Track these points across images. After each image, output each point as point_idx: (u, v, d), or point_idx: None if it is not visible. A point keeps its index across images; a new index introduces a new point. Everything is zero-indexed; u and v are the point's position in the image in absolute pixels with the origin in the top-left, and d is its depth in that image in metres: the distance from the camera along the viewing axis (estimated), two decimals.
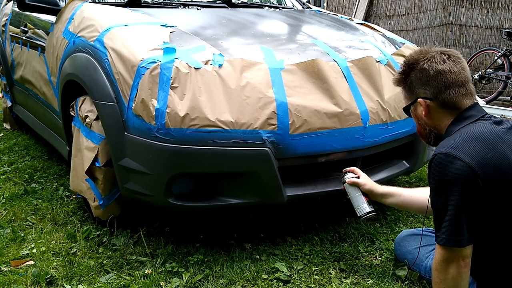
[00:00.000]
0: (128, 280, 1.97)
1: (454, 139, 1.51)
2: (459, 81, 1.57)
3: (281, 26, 2.90)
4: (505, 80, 5.95)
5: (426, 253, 1.94)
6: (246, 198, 2.07)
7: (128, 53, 2.08)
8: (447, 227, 1.47)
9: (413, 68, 1.63)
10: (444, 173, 1.46)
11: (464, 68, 1.59)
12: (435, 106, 1.60)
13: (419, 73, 1.61)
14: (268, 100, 2.00)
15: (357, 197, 2.03)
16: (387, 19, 7.93)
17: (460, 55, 1.62)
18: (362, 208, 2.01)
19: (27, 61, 3.40)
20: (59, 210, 2.65)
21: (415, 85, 1.63)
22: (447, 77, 1.56)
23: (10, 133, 4.38)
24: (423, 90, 1.61)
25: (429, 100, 1.60)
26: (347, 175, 2.08)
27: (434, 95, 1.59)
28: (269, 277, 2.00)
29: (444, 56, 1.59)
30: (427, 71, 1.58)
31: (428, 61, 1.59)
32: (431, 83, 1.58)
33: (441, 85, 1.57)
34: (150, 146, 1.97)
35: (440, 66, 1.57)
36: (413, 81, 1.63)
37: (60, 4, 2.85)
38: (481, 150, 1.45)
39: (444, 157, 1.46)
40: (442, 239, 1.48)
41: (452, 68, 1.57)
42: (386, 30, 3.08)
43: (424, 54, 1.62)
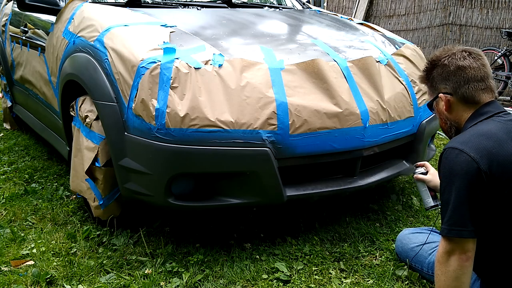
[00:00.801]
0: (128, 280, 1.97)
1: (465, 135, 1.58)
2: (479, 76, 1.62)
3: (281, 26, 2.90)
4: (505, 80, 5.95)
5: (429, 249, 1.96)
6: (246, 198, 2.07)
7: (128, 53, 2.08)
8: (449, 217, 1.50)
9: (435, 65, 1.69)
10: (450, 166, 1.51)
11: (485, 65, 1.65)
12: (455, 100, 1.65)
13: (440, 69, 1.67)
14: (268, 100, 2.00)
15: (423, 192, 2.12)
16: (387, 19, 7.93)
17: (482, 53, 1.67)
18: (427, 202, 2.11)
19: (27, 61, 3.40)
20: (59, 210, 2.65)
21: (437, 81, 1.69)
22: (467, 72, 1.62)
23: (10, 133, 4.38)
24: (444, 85, 1.67)
25: (449, 95, 1.66)
26: (417, 170, 2.14)
27: (454, 89, 1.64)
28: (269, 277, 2.00)
29: (465, 53, 1.65)
30: (447, 66, 1.64)
31: (449, 58, 1.65)
32: (451, 78, 1.64)
33: (460, 80, 1.63)
34: (150, 146, 1.97)
35: (460, 62, 1.63)
36: (435, 77, 1.69)
37: (60, 4, 2.85)
38: (487, 145, 1.50)
39: (451, 151, 1.53)
40: (444, 229, 1.52)
41: (471, 64, 1.62)
42: (386, 30, 3.08)
43: (446, 52, 1.68)
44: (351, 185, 2.25)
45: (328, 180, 2.26)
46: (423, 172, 2.12)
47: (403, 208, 2.70)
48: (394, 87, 2.38)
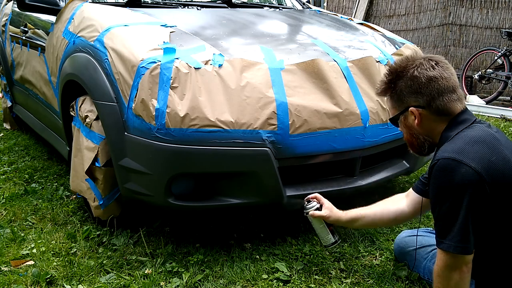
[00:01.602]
0: (128, 280, 1.97)
1: (456, 143, 1.48)
2: (450, 86, 1.55)
3: (281, 26, 2.90)
4: (505, 80, 5.95)
5: (425, 254, 1.94)
6: (246, 198, 2.08)
7: (128, 53, 2.08)
8: (455, 234, 1.44)
9: (402, 76, 1.58)
10: (450, 178, 1.42)
11: (453, 74, 1.58)
12: (428, 114, 1.57)
13: (409, 81, 1.56)
14: (268, 100, 2.00)
15: (321, 229, 2.00)
16: (387, 19, 7.93)
17: (446, 61, 1.60)
18: (327, 239, 2.01)
19: (27, 61, 3.40)
20: (59, 210, 2.65)
21: (406, 93, 1.58)
22: (439, 83, 1.53)
23: (10, 133, 4.38)
24: (415, 98, 1.56)
25: (421, 109, 1.57)
26: (310, 205, 2.00)
27: (427, 102, 1.55)
28: (269, 277, 2.00)
29: (432, 62, 1.55)
30: (418, 78, 1.54)
31: (418, 68, 1.54)
32: (423, 91, 1.54)
33: (433, 92, 1.54)
34: (150, 146, 1.97)
35: (431, 73, 1.53)
36: (403, 90, 1.58)
37: (60, 4, 2.85)
38: (485, 154, 1.44)
39: (449, 162, 1.43)
40: (450, 246, 1.45)
41: (442, 74, 1.54)
42: (386, 30, 3.08)
43: (412, 61, 1.58)
44: (351, 185, 2.25)
45: (328, 180, 2.26)
46: (317, 207, 1.99)
47: None
48: None
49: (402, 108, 1.61)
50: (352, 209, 2.00)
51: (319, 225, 2.00)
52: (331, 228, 2.00)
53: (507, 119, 5.12)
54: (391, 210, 1.93)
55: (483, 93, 6.44)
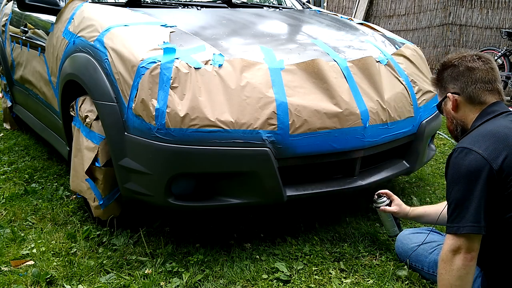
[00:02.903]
0: (128, 280, 1.97)
1: (472, 135, 1.62)
2: (486, 78, 1.67)
3: (281, 26, 2.90)
4: (505, 80, 5.95)
5: (430, 249, 1.97)
6: (246, 198, 2.08)
7: (128, 53, 2.08)
8: (463, 215, 1.52)
9: (447, 67, 1.74)
10: (461, 165, 1.55)
11: (493, 69, 1.70)
12: (462, 100, 1.70)
13: (450, 70, 1.72)
14: (268, 100, 2.00)
15: (389, 222, 2.18)
16: (387, 19, 7.93)
17: (492, 59, 1.73)
18: (393, 231, 2.18)
19: (27, 61, 3.40)
20: (59, 210, 2.65)
21: (446, 81, 1.74)
22: (475, 73, 1.67)
23: (10, 133, 4.38)
24: (453, 85, 1.72)
25: (456, 95, 1.70)
26: (381, 200, 2.18)
27: (462, 89, 1.69)
28: (269, 277, 2.00)
29: (476, 57, 1.70)
30: (457, 67, 1.70)
31: (460, 60, 1.71)
32: (459, 78, 1.69)
33: (468, 80, 1.68)
34: (150, 146, 1.97)
35: (469, 64, 1.68)
36: (445, 78, 1.74)
37: (60, 4, 2.85)
38: (494, 143, 1.54)
39: (462, 150, 1.56)
40: (458, 228, 1.52)
41: (480, 66, 1.67)
42: (386, 30, 3.08)
43: (458, 55, 1.74)
44: (351, 185, 2.25)
45: (328, 180, 2.26)
46: (387, 203, 2.18)
47: None
48: (394, 87, 2.38)
49: (444, 95, 1.76)
50: (419, 207, 2.22)
51: (387, 218, 2.17)
52: (397, 222, 2.16)
53: None
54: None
55: None
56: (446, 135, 4.29)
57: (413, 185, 3.10)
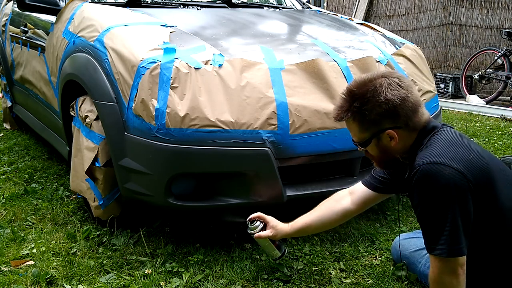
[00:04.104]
0: (128, 280, 1.97)
1: (433, 148, 1.48)
2: (418, 102, 1.55)
3: (281, 26, 2.90)
4: (505, 80, 5.95)
5: (419, 257, 1.92)
6: (246, 198, 2.08)
7: (128, 53, 2.08)
8: (447, 237, 1.42)
9: (372, 101, 1.51)
10: (435, 182, 1.41)
11: (414, 88, 1.57)
12: (404, 132, 1.55)
13: (384, 105, 1.50)
14: (268, 100, 2.00)
15: (267, 246, 1.98)
16: (387, 19, 7.93)
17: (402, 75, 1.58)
18: (274, 254, 1.99)
19: (27, 61, 3.40)
20: (59, 210, 2.65)
21: (379, 117, 1.52)
22: (411, 101, 1.52)
23: (10, 133, 4.38)
24: (391, 121, 1.53)
25: (397, 129, 1.54)
26: (254, 225, 1.95)
27: (405, 122, 1.53)
28: (269, 277, 2.00)
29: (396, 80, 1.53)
30: (392, 101, 1.49)
31: (388, 90, 1.50)
32: (400, 112, 1.51)
33: (409, 112, 1.52)
34: (150, 146, 1.97)
35: (402, 93, 1.51)
36: (376, 114, 1.51)
37: (60, 4, 2.85)
38: (463, 153, 1.45)
39: (431, 167, 1.42)
40: (444, 250, 1.43)
41: (411, 91, 1.53)
42: (386, 30, 3.08)
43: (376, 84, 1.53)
44: (351, 185, 2.24)
45: (328, 180, 2.26)
46: (261, 227, 1.95)
47: (403, 208, 2.70)
48: None
49: (375, 131, 1.56)
50: (296, 219, 1.97)
51: (265, 243, 1.97)
52: (276, 244, 1.97)
53: (507, 119, 5.12)
54: (336, 210, 1.92)
55: (483, 93, 6.44)
56: None
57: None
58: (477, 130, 4.58)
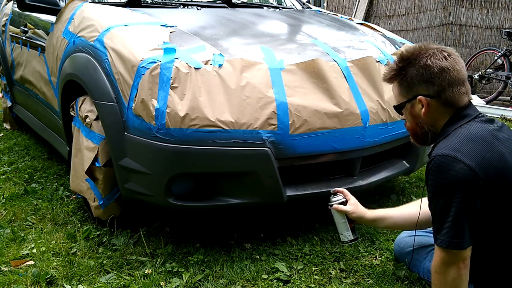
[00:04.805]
0: (128, 280, 1.97)
1: (452, 140, 1.49)
2: (460, 79, 1.54)
3: (281, 26, 2.90)
4: (505, 80, 5.95)
5: (424, 254, 1.94)
6: (246, 198, 2.08)
7: (128, 53, 2.08)
8: (448, 230, 1.45)
9: (414, 63, 1.56)
10: (445, 175, 1.43)
11: (463, 67, 1.58)
12: (436, 104, 1.56)
13: (421, 69, 1.54)
14: (268, 100, 2.00)
15: (342, 224, 1.96)
16: (387, 19, 7.93)
17: (457, 53, 1.60)
18: (346, 235, 1.96)
19: (27, 61, 3.40)
20: (59, 210, 2.65)
21: (416, 81, 1.56)
22: (451, 74, 1.53)
23: (10, 133, 4.38)
24: (425, 87, 1.55)
25: (430, 98, 1.56)
26: (335, 198, 1.97)
27: (437, 93, 1.54)
28: (269, 277, 2.00)
29: (445, 53, 1.55)
30: (430, 67, 1.53)
31: (431, 57, 1.54)
32: (434, 81, 1.53)
33: (444, 83, 1.53)
34: (150, 146, 1.97)
35: (443, 63, 1.53)
36: (414, 77, 1.56)
37: (60, 4, 2.85)
38: (480, 150, 1.45)
39: (444, 159, 1.44)
40: (443, 242, 1.47)
41: (454, 66, 1.53)
42: (386, 30, 3.08)
43: (425, 50, 1.56)
44: (351, 185, 2.25)
45: (328, 180, 2.26)
46: (342, 201, 1.95)
47: None
48: None
49: (410, 96, 1.59)
50: (378, 209, 2.00)
51: (340, 220, 1.95)
52: (352, 225, 1.96)
53: (507, 119, 5.12)
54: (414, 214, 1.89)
55: (483, 93, 6.44)
56: None
57: (413, 185, 3.10)
58: None
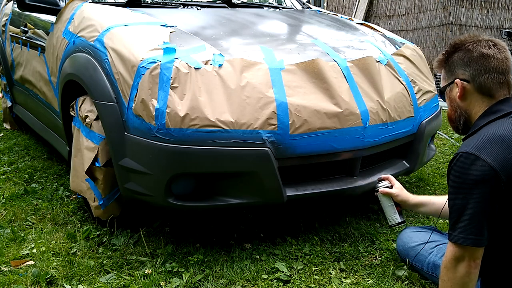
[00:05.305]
0: (128, 280, 1.97)
1: (477, 138, 1.53)
2: (500, 69, 1.57)
3: (281, 26, 2.90)
4: None
5: (429, 249, 1.95)
6: (246, 198, 2.08)
7: (128, 53, 2.08)
8: (465, 226, 1.47)
9: (458, 49, 1.63)
10: (466, 172, 1.46)
11: (508, 58, 1.59)
12: (471, 89, 1.60)
13: (462, 54, 1.61)
14: (268, 100, 2.00)
15: (389, 207, 2.08)
16: (387, 19, 7.93)
17: (507, 47, 1.63)
18: (394, 218, 2.07)
19: (27, 61, 3.40)
20: (59, 210, 2.65)
21: (456, 65, 1.63)
22: (489, 61, 1.56)
23: (10, 133, 4.38)
24: (463, 71, 1.61)
25: (466, 82, 1.60)
26: (381, 184, 2.12)
27: (473, 77, 1.59)
28: (269, 277, 2.00)
29: (491, 43, 1.59)
30: (470, 52, 1.59)
31: (474, 44, 1.60)
32: (472, 65, 1.58)
33: (481, 68, 1.57)
34: (150, 146, 1.97)
35: (484, 50, 1.57)
36: (455, 62, 1.63)
37: (60, 4, 2.85)
38: (503, 151, 1.46)
39: (467, 156, 1.47)
40: (459, 238, 1.48)
41: (496, 55, 1.57)
42: (386, 30, 3.08)
43: (472, 38, 1.63)
44: (351, 185, 2.25)
45: (328, 180, 2.26)
46: (387, 186, 2.10)
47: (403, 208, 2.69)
48: (394, 87, 2.38)
49: (451, 80, 1.65)
50: (422, 195, 2.12)
51: (387, 203, 2.06)
52: (398, 209, 2.05)
53: None
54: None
55: None
56: (446, 135, 4.29)
57: (413, 185, 3.10)
58: None
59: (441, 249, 1.90)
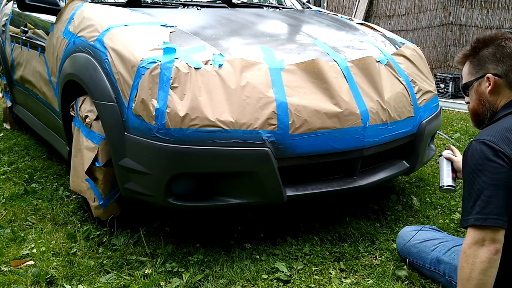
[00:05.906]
0: (128, 280, 1.97)
1: (492, 129, 1.59)
2: None
3: (281, 26, 2.90)
4: None
5: (432, 246, 1.95)
6: (246, 198, 2.08)
7: (128, 53, 2.08)
8: (484, 207, 1.49)
9: (489, 44, 1.67)
10: (479, 157, 1.52)
11: None
12: (503, 84, 1.65)
13: (495, 49, 1.65)
14: (268, 100, 2.00)
15: (446, 170, 2.07)
16: (387, 19, 7.93)
17: None
18: (446, 181, 2.05)
19: (27, 61, 3.40)
20: (59, 210, 2.65)
21: (487, 60, 1.67)
22: None
23: (10, 133, 4.38)
24: (495, 65, 1.65)
25: (498, 77, 1.65)
26: (447, 150, 2.14)
27: (505, 72, 1.64)
28: (269, 277, 2.00)
29: None
30: (504, 48, 1.64)
31: (506, 41, 1.65)
32: (505, 61, 1.63)
33: None
34: (150, 146, 1.97)
35: None
36: (486, 57, 1.67)
37: (60, 4, 2.85)
38: None
39: (480, 144, 1.54)
40: (478, 219, 1.49)
41: None
42: (386, 30, 3.08)
43: (502, 35, 1.68)
44: (351, 185, 2.25)
45: (328, 180, 2.26)
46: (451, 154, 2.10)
47: (403, 208, 2.70)
48: (394, 87, 2.38)
49: (479, 75, 1.69)
50: None
51: (446, 166, 2.08)
52: (453, 175, 2.06)
53: None
54: None
55: None
56: (446, 135, 4.29)
57: (413, 185, 3.10)
58: (477, 130, 4.57)
59: (446, 245, 1.91)
